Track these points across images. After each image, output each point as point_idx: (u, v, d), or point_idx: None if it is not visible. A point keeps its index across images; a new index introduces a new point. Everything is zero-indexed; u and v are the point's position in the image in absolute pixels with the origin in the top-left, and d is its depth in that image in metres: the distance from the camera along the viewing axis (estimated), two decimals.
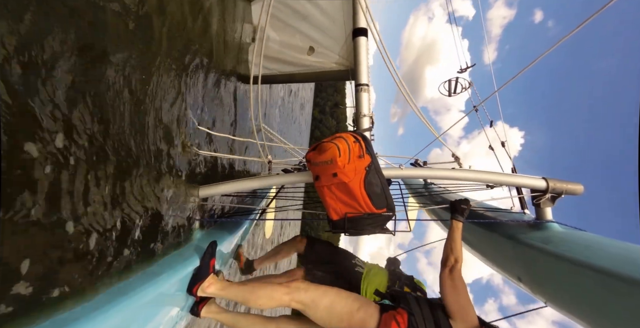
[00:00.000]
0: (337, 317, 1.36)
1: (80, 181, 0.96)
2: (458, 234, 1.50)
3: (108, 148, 1.08)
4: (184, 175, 1.72)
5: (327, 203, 1.65)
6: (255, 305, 1.45)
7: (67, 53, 0.91)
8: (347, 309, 1.36)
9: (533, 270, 1.64)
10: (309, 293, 1.41)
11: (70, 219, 0.92)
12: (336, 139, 1.57)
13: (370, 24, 2.02)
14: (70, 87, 0.92)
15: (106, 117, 1.08)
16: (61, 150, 0.88)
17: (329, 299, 1.39)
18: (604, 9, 1.22)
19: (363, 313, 1.35)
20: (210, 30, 2.15)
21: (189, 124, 1.79)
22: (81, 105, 0.96)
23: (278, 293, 1.42)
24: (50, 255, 0.86)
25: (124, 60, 1.17)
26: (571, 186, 1.75)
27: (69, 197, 0.91)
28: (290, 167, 2.49)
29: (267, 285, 1.50)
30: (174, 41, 1.60)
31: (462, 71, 4.03)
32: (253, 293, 1.47)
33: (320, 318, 1.38)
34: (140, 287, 1.16)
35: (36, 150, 0.81)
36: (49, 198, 0.85)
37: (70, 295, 0.93)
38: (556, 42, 1.49)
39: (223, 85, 2.45)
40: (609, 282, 1.16)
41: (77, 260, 0.96)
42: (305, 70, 3.26)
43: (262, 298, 1.43)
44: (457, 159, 2.81)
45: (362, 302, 1.40)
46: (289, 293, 1.41)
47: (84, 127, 0.97)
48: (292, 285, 1.44)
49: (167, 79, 1.52)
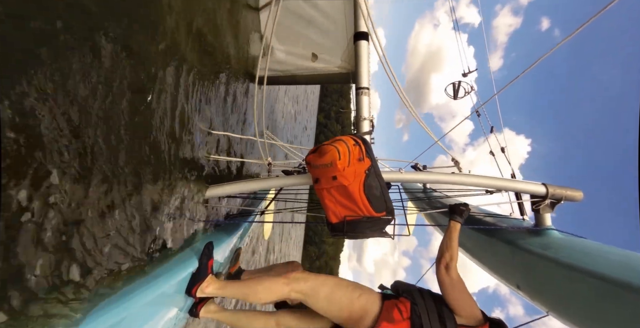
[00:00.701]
0: (337, 305, 1.34)
1: (80, 185, 0.96)
2: (455, 234, 1.50)
3: (111, 152, 1.08)
4: (183, 177, 1.72)
5: (326, 206, 1.65)
6: (256, 300, 1.44)
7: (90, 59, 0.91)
8: (348, 297, 1.35)
9: (532, 278, 1.63)
10: (309, 282, 1.40)
11: (71, 221, 0.92)
12: (336, 141, 1.57)
13: (370, 28, 2.03)
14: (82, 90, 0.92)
15: (110, 120, 1.08)
16: (63, 154, 0.88)
17: (329, 288, 1.38)
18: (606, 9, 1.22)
19: (365, 301, 1.34)
20: (220, 40, 2.17)
21: (191, 124, 1.80)
22: (87, 107, 0.96)
23: (277, 285, 1.40)
24: (49, 256, 0.86)
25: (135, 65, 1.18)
26: (570, 192, 1.74)
27: (69, 199, 0.91)
28: (290, 169, 2.49)
29: (266, 278, 1.49)
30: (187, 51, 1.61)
31: (465, 75, 4.04)
32: (252, 287, 1.45)
33: (322, 307, 1.37)
34: (139, 289, 1.17)
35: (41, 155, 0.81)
36: (49, 199, 0.85)
37: (70, 296, 0.93)
38: (558, 43, 1.49)
39: (229, 89, 2.46)
40: (609, 289, 1.15)
41: (77, 261, 0.95)
42: (307, 73, 3.29)
43: (262, 292, 1.42)
44: (457, 163, 2.81)
45: (362, 289, 1.40)
46: (288, 283, 1.40)
47: (91, 129, 0.97)
48: (291, 276, 1.43)
49: (177, 85, 1.53)
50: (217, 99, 2.30)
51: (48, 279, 0.85)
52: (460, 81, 3.86)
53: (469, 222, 2.24)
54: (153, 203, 1.39)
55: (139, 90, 1.27)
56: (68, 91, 0.91)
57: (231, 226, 2.19)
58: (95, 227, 1.03)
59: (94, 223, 1.02)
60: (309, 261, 51.29)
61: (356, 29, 2.35)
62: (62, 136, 0.89)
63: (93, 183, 1.01)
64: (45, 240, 0.85)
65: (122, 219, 1.18)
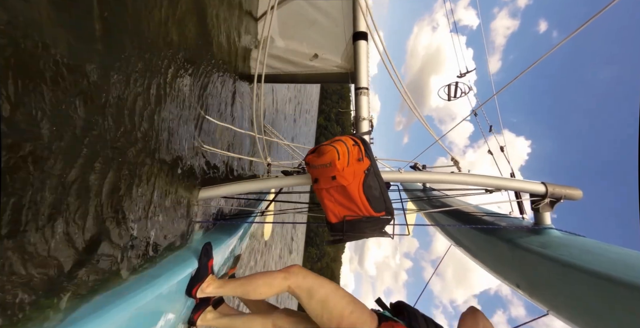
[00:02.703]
0: (327, 313, 1.29)
1: (78, 182, 0.95)
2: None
3: (106, 148, 1.08)
4: (183, 177, 1.72)
5: (325, 206, 1.65)
6: (256, 295, 1.42)
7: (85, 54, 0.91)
8: (339, 309, 1.28)
9: (531, 276, 1.63)
10: (308, 279, 1.37)
11: (68, 221, 0.92)
12: (335, 142, 1.57)
13: (370, 27, 2.03)
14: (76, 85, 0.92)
15: (107, 115, 1.08)
16: (59, 150, 0.88)
17: (325, 292, 1.33)
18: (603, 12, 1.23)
19: (355, 319, 1.26)
20: (219, 39, 2.16)
21: (191, 121, 1.80)
22: (80, 101, 0.96)
23: (277, 280, 1.39)
24: (48, 257, 0.86)
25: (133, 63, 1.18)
26: (570, 191, 1.74)
27: (66, 198, 0.91)
28: (290, 169, 2.49)
29: (265, 273, 1.47)
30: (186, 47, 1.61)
31: (461, 76, 4.04)
32: (251, 283, 1.44)
33: (314, 309, 1.32)
34: (138, 290, 1.16)
35: (33, 148, 0.81)
36: (45, 199, 0.84)
37: (69, 297, 0.93)
38: (555, 45, 1.49)
39: (229, 87, 2.46)
40: (609, 288, 1.15)
41: (75, 262, 0.95)
42: (307, 72, 3.30)
43: (262, 287, 1.40)
44: (457, 162, 2.81)
45: (356, 306, 1.32)
46: (288, 278, 1.38)
47: (83, 124, 0.97)
48: (290, 270, 1.41)
49: (174, 81, 1.53)
50: (216, 97, 2.30)
51: (43, 279, 0.85)
52: (457, 82, 3.87)
53: (469, 221, 2.24)
54: (150, 203, 1.39)
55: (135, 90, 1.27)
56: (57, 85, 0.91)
57: (231, 227, 2.19)
58: (90, 226, 1.02)
59: (89, 222, 1.02)
60: (310, 262, 51.15)
61: (355, 29, 2.35)
62: (49, 135, 0.89)
63: (87, 180, 1.01)
64: (40, 238, 0.84)
65: (119, 218, 1.17)
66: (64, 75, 0.89)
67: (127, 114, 1.19)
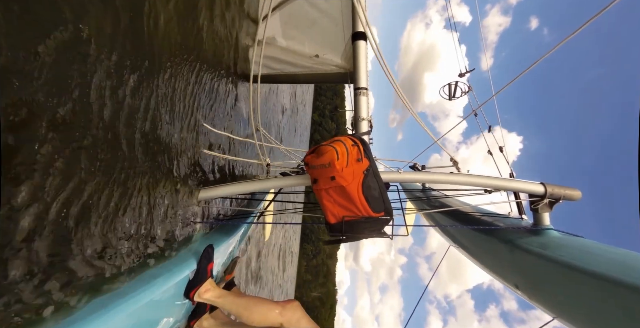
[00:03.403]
0: None
1: (77, 183, 0.95)
2: None
3: (105, 149, 1.08)
4: (183, 178, 1.72)
5: (324, 206, 1.65)
6: (248, 321, 1.44)
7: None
8: None
9: (530, 277, 1.63)
10: (301, 323, 1.39)
11: (68, 222, 0.92)
12: (334, 142, 1.56)
13: (365, 27, 2.03)
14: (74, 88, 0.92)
15: (105, 117, 1.07)
16: (57, 151, 0.88)
17: None
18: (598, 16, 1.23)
19: None
20: (220, 41, 2.16)
21: (191, 124, 1.79)
22: (78, 101, 0.96)
23: (272, 313, 1.40)
24: (46, 257, 0.85)
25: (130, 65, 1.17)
26: (569, 191, 1.74)
27: (65, 198, 0.91)
28: (288, 170, 2.49)
29: (264, 303, 1.48)
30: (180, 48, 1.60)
31: (461, 75, 4.05)
32: (247, 309, 1.45)
33: None
34: (137, 290, 1.16)
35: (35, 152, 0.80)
36: (45, 199, 0.84)
37: (69, 298, 0.92)
38: (552, 48, 1.50)
39: (229, 88, 2.46)
40: (609, 289, 1.15)
41: (74, 263, 0.95)
42: (306, 72, 3.30)
43: (256, 315, 1.42)
44: (456, 163, 2.81)
45: None
46: (283, 314, 1.40)
47: (82, 126, 0.97)
48: (287, 306, 1.42)
49: (174, 84, 1.52)
50: (212, 99, 2.30)
51: (42, 280, 0.85)
52: (457, 81, 3.87)
53: (468, 222, 2.24)
54: (149, 204, 1.39)
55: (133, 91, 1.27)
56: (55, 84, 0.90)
57: (231, 227, 2.18)
58: (89, 227, 1.02)
59: (88, 223, 1.01)
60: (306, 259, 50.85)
61: (354, 29, 2.35)
62: (49, 134, 0.88)
63: (86, 182, 1.00)
64: (38, 240, 0.84)
65: (118, 219, 1.17)
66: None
67: (126, 117, 1.19)
